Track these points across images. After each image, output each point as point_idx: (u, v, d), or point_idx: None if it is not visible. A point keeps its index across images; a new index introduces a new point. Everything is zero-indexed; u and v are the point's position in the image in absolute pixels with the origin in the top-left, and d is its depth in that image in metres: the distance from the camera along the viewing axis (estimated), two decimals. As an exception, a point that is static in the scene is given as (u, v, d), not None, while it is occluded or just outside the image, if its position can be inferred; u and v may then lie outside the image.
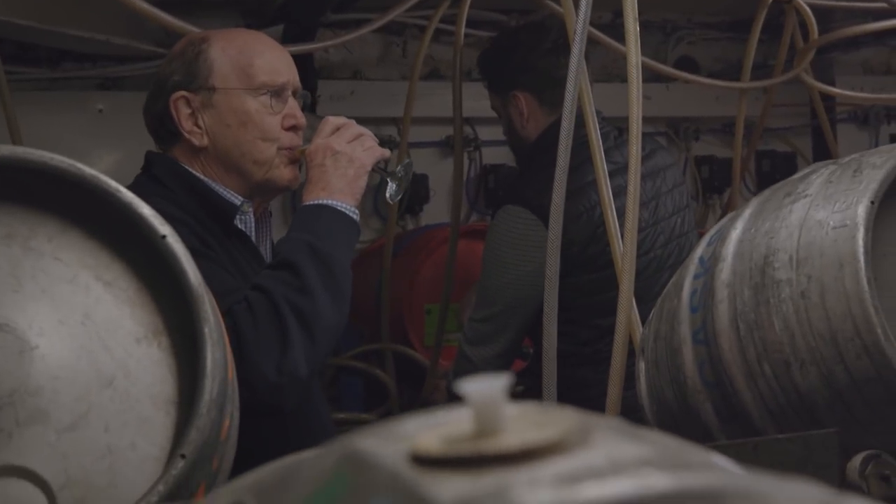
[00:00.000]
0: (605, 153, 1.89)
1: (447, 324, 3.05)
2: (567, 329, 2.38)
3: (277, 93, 1.92)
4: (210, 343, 1.07)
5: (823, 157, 3.10)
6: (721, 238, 1.51)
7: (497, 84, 2.74)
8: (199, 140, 1.91)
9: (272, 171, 1.92)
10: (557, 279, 1.69)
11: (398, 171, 2.04)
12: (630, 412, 1.55)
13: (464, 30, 2.86)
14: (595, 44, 2.66)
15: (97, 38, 2.95)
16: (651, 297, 1.90)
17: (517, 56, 2.65)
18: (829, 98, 3.72)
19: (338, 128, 1.92)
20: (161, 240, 1.10)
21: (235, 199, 1.92)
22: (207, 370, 1.06)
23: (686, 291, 1.53)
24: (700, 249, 1.57)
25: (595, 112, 1.86)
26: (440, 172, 3.75)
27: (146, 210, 1.10)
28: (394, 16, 2.63)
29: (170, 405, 1.10)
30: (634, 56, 1.68)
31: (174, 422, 1.09)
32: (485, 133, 3.79)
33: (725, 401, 1.44)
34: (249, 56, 1.91)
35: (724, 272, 1.45)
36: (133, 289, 1.13)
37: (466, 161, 3.79)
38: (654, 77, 3.62)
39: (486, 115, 2.93)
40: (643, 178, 2.46)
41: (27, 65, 3.23)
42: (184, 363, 1.11)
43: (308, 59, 3.38)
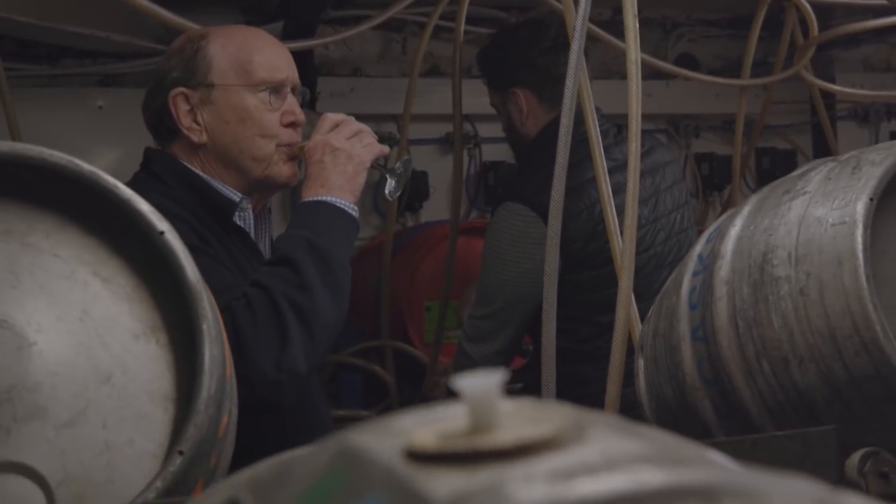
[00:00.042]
0: (605, 150, 1.88)
1: (447, 321, 3.05)
2: (567, 326, 2.38)
3: (276, 89, 1.92)
4: (208, 339, 1.07)
5: (824, 155, 3.09)
6: (720, 235, 1.51)
7: (496, 81, 2.74)
8: (198, 137, 1.91)
9: (271, 168, 1.92)
10: (556, 276, 1.69)
11: (397, 168, 2.04)
12: (629, 409, 1.55)
13: (463, 27, 2.86)
14: (595, 41, 2.66)
15: (97, 35, 2.95)
16: (651, 294, 1.90)
17: (516, 53, 2.65)
18: (830, 95, 3.71)
19: (337, 124, 1.91)
20: (159, 236, 1.10)
21: (234, 196, 1.92)
22: (205, 367, 1.06)
23: (685, 288, 1.53)
24: (699, 246, 1.57)
25: (594, 109, 1.86)
26: (440, 169, 3.74)
27: (144, 206, 1.10)
28: (393, 12, 2.62)
29: (168, 402, 1.10)
30: (634, 53, 1.68)
31: (172, 418, 1.10)
32: (484, 130, 3.78)
33: (724, 398, 1.44)
34: (248, 53, 1.91)
35: (723, 269, 1.45)
36: (131, 285, 1.13)
37: (466, 158, 3.79)
38: (655, 74, 3.62)
39: (486, 112, 2.93)
40: (642, 175, 2.45)
41: (27, 61, 3.22)
42: (182, 360, 1.11)
43: (308, 56, 3.37)
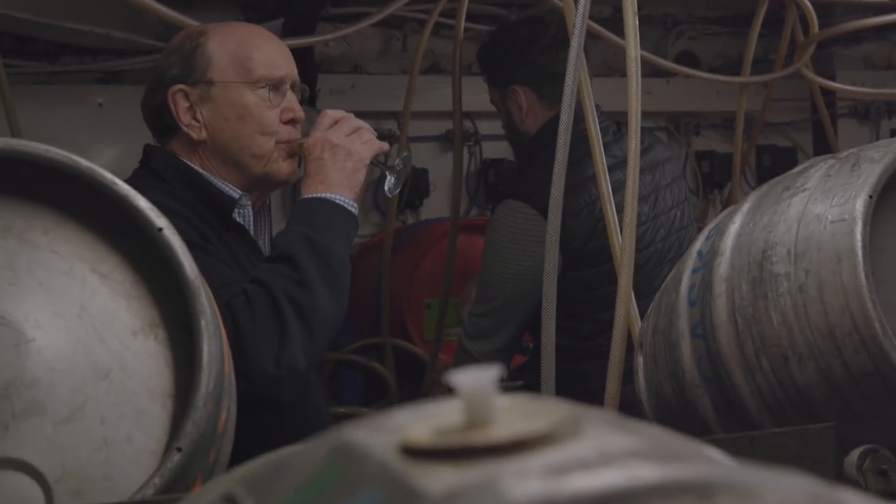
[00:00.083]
0: (605, 147, 1.88)
1: (447, 318, 3.05)
2: (568, 324, 2.38)
3: (276, 86, 1.92)
4: (206, 336, 1.07)
5: (824, 152, 3.08)
6: (719, 232, 1.51)
7: (496, 78, 2.74)
8: (198, 133, 1.91)
9: (270, 165, 1.92)
10: (556, 274, 1.68)
11: (397, 165, 2.03)
12: (629, 407, 1.55)
13: (464, 24, 2.85)
14: (595, 38, 2.66)
15: (97, 32, 2.95)
16: (651, 292, 1.90)
17: (516, 50, 2.64)
18: (830, 93, 3.70)
19: (336, 121, 1.91)
20: (157, 232, 1.09)
21: (234, 193, 1.92)
22: (204, 363, 1.06)
23: (684, 285, 1.53)
24: (698, 244, 1.56)
25: (594, 107, 1.86)
26: (440, 167, 3.74)
27: (142, 202, 1.10)
28: (394, 9, 2.62)
29: (166, 398, 1.10)
30: (634, 50, 1.67)
31: (170, 415, 1.09)
32: (485, 127, 3.78)
33: (723, 395, 1.44)
34: (248, 49, 1.91)
35: (723, 266, 1.45)
36: (129, 281, 1.13)
37: (466, 155, 3.79)
38: (655, 72, 3.62)
39: (486, 110, 2.92)
40: (642, 172, 2.45)
41: (26, 58, 3.22)
42: (180, 356, 1.11)
43: (308, 53, 3.37)
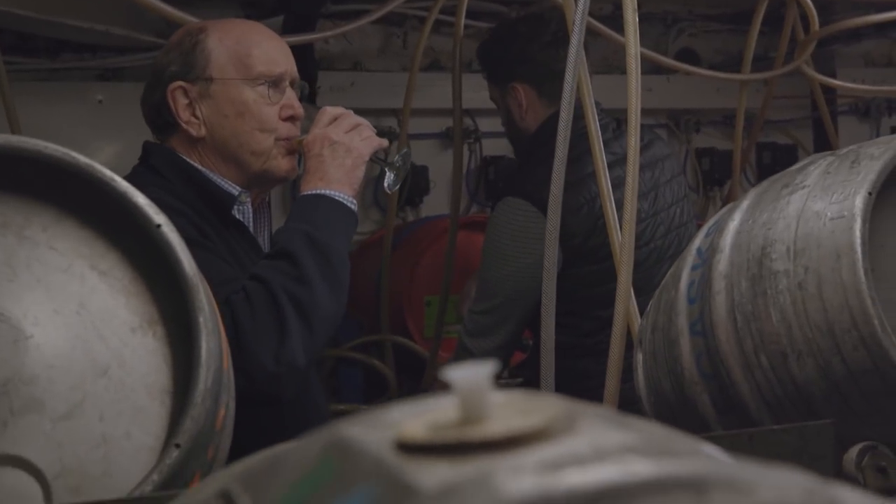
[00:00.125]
0: (604, 144, 1.88)
1: (447, 315, 3.05)
2: (568, 321, 2.38)
3: (275, 83, 1.92)
4: (205, 332, 1.07)
5: (824, 150, 3.09)
6: (719, 229, 1.50)
7: (496, 75, 2.74)
8: (197, 130, 1.91)
9: (270, 162, 1.92)
10: (556, 271, 1.68)
11: (396, 161, 2.03)
12: (629, 404, 1.55)
13: (464, 21, 2.85)
14: (595, 35, 2.66)
15: (97, 29, 2.95)
16: (652, 289, 1.89)
17: (516, 47, 2.64)
18: (830, 90, 3.70)
19: (335, 118, 1.91)
20: (156, 229, 1.09)
21: (233, 190, 1.92)
22: (202, 360, 1.06)
23: (684, 282, 1.52)
24: (698, 240, 1.56)
25: (594, 104, 1.86)
26: (440, 164, 3.74)
27: (141, 199, 1.10)
28: (393, 6, 2.62)
29: (165, 395, 1.10)
30: (633, 47, 1.67)
31: (169, 411, 1.09)
32: (485, 125, 3.78)
33: (722, 392, 1.44)
34: (247, 46, 1.91)
35: (722, 263, 1.44)
36: (128, 278, 1.13)
37: (466, 153, 3.79)
38: (655, 69, 3.62)
39: (486, 107, 2.92)
40: (642, 169, 2.45)
41: (26, 55, 3.21)
42: (179, 353, 1.11)
43: (308, 50, 3.37)
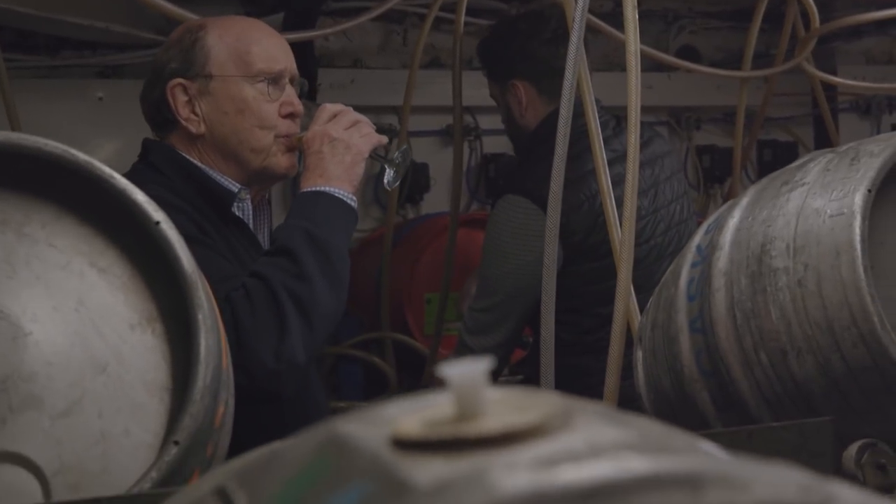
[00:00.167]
0: (604, 142, 1.88)
1: (447, 313, 3.05)
2: (569, 318, 2.38)
3: (275, 80, 1.92)
4: (204, 329, 1.07)
5: (825, 147, 3.09)
6: (718, 227, 1.50)
7: (496, 73, 2.74)
8: (196, 127, 1.91)
9: (269, 159, 1.92)
10: (555, 268, 1.69)
11: (396, 158, 2.03)
12: (629, 401, 1.55)
13: (464, 18, 2.85)
14: (595, 32, 2.65)
15: (97, 26, 2.95)
16: (652, 286, 1.89)
17: (516, 45, 2.64)
18: (831, 87, 3.70)
19: (335, 115, 1.91)
20: (155, 226, 1.09)
21: (233, 187, 1.92)
22: (201, 357, 1.06)
23: (683, 280, 1.53)
24: (698, 238, 1.56)
25: (594, 101, 1.86)
26: (440, 161, 3.73)
27: (140, 196, 1.10)
28: (394, 3, 2.62)
29: (164, 392, 1.10)
30: (633, 44, 1.67)
31: (168, 408, 1.10)
32: (485, 122, 3.77)
33: (722, 389, 1.44)
34: (247, 43, 1.91)
35: (722, 261, 1.45)
36: (127, 275, 1.13)
37: (467, 150, 3.78)
38: (656, 66, 3.62)
39: (487, 104, 2.92)
40: (642, 166, 2.44)
41: (26, 52, 3.21)
42: (178, 350, 1.11)
43: (308, 48, 3.37)
